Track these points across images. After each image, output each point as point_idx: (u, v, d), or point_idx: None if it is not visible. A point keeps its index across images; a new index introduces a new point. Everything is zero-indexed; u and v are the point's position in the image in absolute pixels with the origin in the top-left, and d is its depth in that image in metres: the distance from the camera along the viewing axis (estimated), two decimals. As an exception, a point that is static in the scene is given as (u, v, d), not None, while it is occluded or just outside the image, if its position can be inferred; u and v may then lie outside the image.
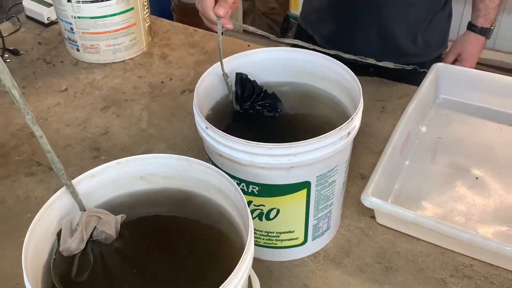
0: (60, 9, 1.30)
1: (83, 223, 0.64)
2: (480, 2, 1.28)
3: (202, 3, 0.90)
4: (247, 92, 0.86)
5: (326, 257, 0.89)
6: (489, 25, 1.30)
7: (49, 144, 0.64)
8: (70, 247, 0.63)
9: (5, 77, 0.59)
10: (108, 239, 0.65)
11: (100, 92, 1.28)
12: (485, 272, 0.86)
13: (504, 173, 1.03)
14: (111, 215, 0.67)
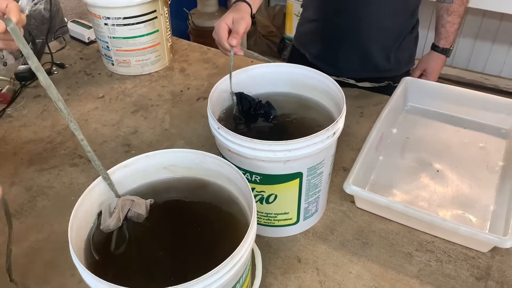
0: (99, 30, 1.30)
1: (119, 206, 0.64)
2: (442, 27, 1.27)
3: (218, 35, 0.90)
4: (245, 106, 0.86)
5: (315, 234, 0.89)
6: (449, 45, 1.30)
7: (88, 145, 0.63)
8: (109, 225, 0.63)
9: (51, 92, 0.59)
10: (140, 218, 0.66)
11: (130, 99, 1.28)
12: (444, 247, 0.86)
13: (460, 167, 1.02)
14: (142, 199, 0.67)
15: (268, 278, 0.81)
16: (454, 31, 1.27)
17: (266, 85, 0.91)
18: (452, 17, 1.25)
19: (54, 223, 0.92)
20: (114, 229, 0.64)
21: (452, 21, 1.26)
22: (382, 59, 1.21)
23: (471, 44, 2.49)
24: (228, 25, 0.91)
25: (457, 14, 1.25)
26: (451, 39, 1.29)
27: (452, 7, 1.23)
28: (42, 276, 0.82)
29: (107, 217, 0.63)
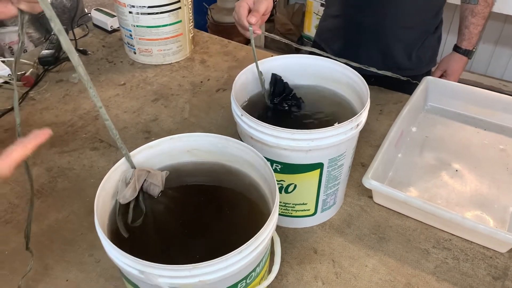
0: (123, 18, 1.31)
1: (135, 175, 0.64)
2: (465, 29, 1.26)
3: (238, 13, 0.90)
4: (278, 90, 0.86)
5: (331, 227, 0.89)
6: (472, 47, 1.29)
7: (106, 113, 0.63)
8: (126, 195, 0.63)
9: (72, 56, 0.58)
10: (156, 190, 0.66)
11: (151, 87, 1.29)
12: (462, 246, 0.85)
13: (479, 168, 1.02)
14: (157, 171, 0.67)
15: (284, 267, 0.81)
16: (477, 33, 1.27)
17: (289, 76, 0.91)
18: (477, 19, 1.24)
19: (74, 204, 0.93)
20: (130, 199, 0.64)
21: (476, 22, 1.25)
22: (404, 57, 1.21)
23: (491, 49, 2.47)
24: (249, 5, 0.90)
25: (482, 16, 1.24)
26: (474, 41, 1.28)
27: (477, 9, 1.23)
28: (60, 254, 0.83)
29: (123, 188, 0.64)
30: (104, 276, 0.80)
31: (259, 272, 0.62)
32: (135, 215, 0.64)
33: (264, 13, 0.89)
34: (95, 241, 0.85)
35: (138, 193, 0.65)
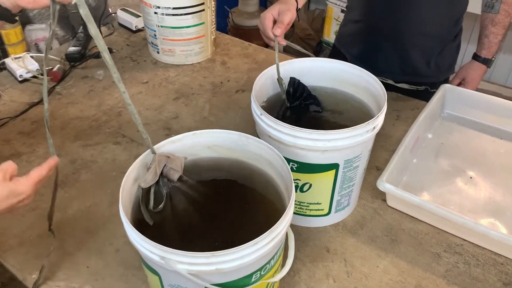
0: (148, 18, 1.35)
1: (156, 160, 0.67)
2: (485, 37, 1.27)
3: (263, 24, 0.93)
4: (299, 92, 0.89)
5: (344, 227, 0.91)
6: (491, 56, 1.29)
7: (129, 98, 0.66)
8: (147, 179, 0.66)
9: (99, 42, 0.61)
10: (175, 175, 0.68)
11: (173, 86, 1.32)
12: (473, 251, 0.86)
13: (494, 175, 1.02)
14: (176, 156, 0.70)
15: (296, 264, 0.83)
16: (497, 42, 1.27)
17: (309, 78, 0.93)
18: (497, 28, 1.25)
19: (96, 195, 0.97)
20: (151, 184, 0.66)
21: (496, 32, 1.25)
22: (422, 64, 1.22)
23: (511, 60, 2.45)
24: (274, 16, 0.94)
25: (502, 25, 1.24)
26: (493, 50, 1.28)
27: (498, 18, 1.23)
28: (81, 242, 0.87)
29: (144, 172, 0.66)
30: (123, 265, 0.83)
31: (273, 265, 0.64)
32: (156, 201, 0.67)
33: (288, 23, 0.92)
34: (115, 231, 0.89)
35: (159, 178, 0.68)
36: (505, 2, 1.19)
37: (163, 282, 0.62)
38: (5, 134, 1.13)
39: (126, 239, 0.85)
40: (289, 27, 0.97)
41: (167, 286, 0.62)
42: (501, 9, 1.21)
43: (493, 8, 1.22)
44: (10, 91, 1.29)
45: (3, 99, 1.25)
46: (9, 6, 0.70)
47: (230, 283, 0.59)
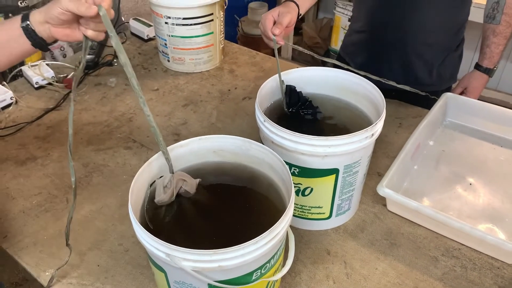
0: (159, 28, 1.40)
1: (174, 183, 0.71)
2: (487, 48, 1.29)
3: (263, 24, 0.97)
4: (293, 100, 0.92)
5: (345, 231, 0.93)
6: (493, 66, 1.31)
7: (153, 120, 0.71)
8: (164, 199, 0.71)
9: (127, 69, 0.67)
10: (188, 195, 0.73)
11: (182, 93, 1.37)
12: (470, 255, 0.88)
13: (493, 182, 1.04)
14: (192, 179, 0.74)
15: (298, 265, 0.86)
16: (499, 52, 1.29)
17: (312, 86, 0.97)
18: (498, 38, 1.27)
19: (107, 197, 1.01)
20: (167, 203, 0.71)
21: (498, 42, 1.27)
22: (424, 73, 1.25)
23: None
24: (274, 17, 0.97)
25: (503, 36, 1.26)
26: (495, 60, 1.30)
27: (499, 28, 1.25)
28: (92, 242, 0.91)
29: (161, 192, 0.70)
30: (131, 264, 0.87)
31: (273, 264, 0.67)
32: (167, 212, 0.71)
33: (288, 25, 0.96)
34: (124, 232, 0.93)
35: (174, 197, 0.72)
36: (506, 13, 1.22)
37: (169, 279, 0.65)
38: (22, 139, 1.18)
39: (135, 240, 0.90)
40: (290, 29, 1.00)
41: (172, 283, 0.65)
42: (502, 20, 1.23)
43: (494, 19, 1.25)
44: (27, 97, 1.34)
45: (20, 105, 1.31)
46: (45, 36, 0.75)
47: (232, 280, 0.63)
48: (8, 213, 0.98)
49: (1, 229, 0.94)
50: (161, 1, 1.32)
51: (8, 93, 1.30)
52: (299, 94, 0.93)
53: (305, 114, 0.94)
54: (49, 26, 0.74)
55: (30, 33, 0.74)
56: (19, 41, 0.75)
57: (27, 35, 0.74)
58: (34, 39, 0.75)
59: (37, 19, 0.74)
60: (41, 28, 0.74)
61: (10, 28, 0.74)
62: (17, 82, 1.41)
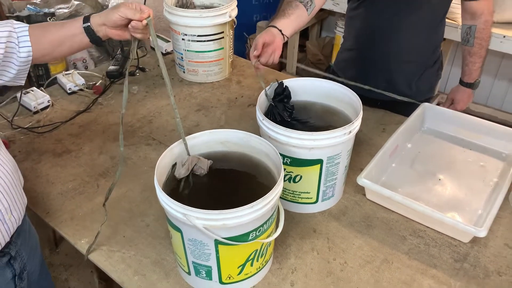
0: (176, 44, 1.59)
1: (189, 160, 0.89)
2: (465, 66, 1.46)
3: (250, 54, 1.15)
4: (278, 90, 1.10)
5: (330, 214, 1.10)
6: (473, 81, 1.47)
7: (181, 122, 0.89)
8: (181, 173, 0.88)
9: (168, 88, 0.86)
10: (202, 172, 0.90)
11: (195, 100, 1.55)
12: (433, 236, 1.05)
13: (460, 179, 1.20)
14: (205, 160, 0.92)
15: (288, 239, 1.03)
16: (476, 69, 1.46)
17: (303, 93, 1.15)
18: (474, 58, 1.44)
19: (130, 183, 1.19)
20: (183, 177, 0.89)
21: (474, 61, 1.45)
22: (405, 86, 1.42)
23: (506, 86, 2.63)
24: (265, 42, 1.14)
25: (478, 55, 1.43)
26: (474, 76, 1.47)
27: (473, 50, 1.42)
28: (119, 218, 1.09)
29: (180, 167, 0.89)
30: (151, 236, 1.04)
31: (266, 229, 0.85)
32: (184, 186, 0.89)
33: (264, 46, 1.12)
34: (146, 211, 1.11)
35: (190, 172, 0.90)
36: (478, 37, 1.39)
37: (184, 237, 0.83)
38: (58, 135, 1.38)
39: (155, 217, 1.08)
40: (278, 53, 1.16)
41: (187, 240, 0.83)
42: (475, 43, 1.41)
43: (468, 42, 1.42)
44: (61, 101, 1.54)
45: (55, 107, 1.50)
46: (101, 35, 0.96)
47: (233, 238, 0.80)
48: (49, 195, 1.16)
49: (44, 207, 1.13)
50: (179, 21, 1.51)
51: (45, 97, 1.50)
52: (286, 88, 1.10)
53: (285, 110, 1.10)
54: (105, 27, 0.95)
55: (90, 32, 0.95)
56: (80, 37, 0.96)
57: (87, 34, 0.95)
58: (92, 37, 0.96)
59: (97, 22, 0.95)
60: (99, 29, 0.95)
61: (73, 27, 0.95)
62: (52, 88, 1.61)
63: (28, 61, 0.95)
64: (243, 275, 0.88)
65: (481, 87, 1.49)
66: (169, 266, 0.97)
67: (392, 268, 0.97)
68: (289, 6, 1.21)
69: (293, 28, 1.21)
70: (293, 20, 1.19)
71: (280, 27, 1.16)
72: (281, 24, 1.16)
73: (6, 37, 0.90)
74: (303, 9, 1.21)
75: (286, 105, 1.09)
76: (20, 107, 1.47)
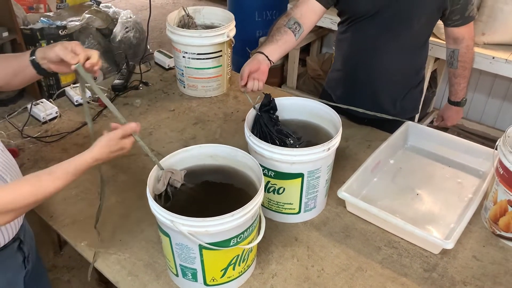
0: (177, 61, 1.69)
1: (163, 176, 0.97)
2: (452, 86, 1.55)
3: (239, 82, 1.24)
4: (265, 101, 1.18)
5: (311, 224, 1.18)
6: (459, 99, 1.56)
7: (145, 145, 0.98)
8: (159, 188, 0.96)
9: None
10: (178, 184, 0.98)
11: (193, 114, 1.64)
12: (406, 247, 1.12)
13: (436, 194, 1.28)
14: (179, 171, 1.00)
15: (271, 247, 1.11)
16: (462, 88, 1.54)
17: (287, 112, 1.24)
18: (458, 79, 1.52)
19: (128, 191, 1.28)
20: (161, 191, 0.96)
21: (459, 82, 1.53)
22: (390, 105, 1.50)
23: (499, 104, 2.69)
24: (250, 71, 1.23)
25: (462, 76, 1.52)
26: (460, 95, 1.55)
27: (457, 72, 1.51)
28: (117, 223, 1.18)
29: (156, 183, 0.97)
30: (145, 240, 1.13)
31: (247, 236, 0.93)
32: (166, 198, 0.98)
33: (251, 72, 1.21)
34: (141, 217, 1.19)
35: (166, 186, 0.98)
36: (461, 60, 1.47)
37: (172, 242, 0.91)
38: (64, 145, 1.47)
39: (149, 222, 1.17)
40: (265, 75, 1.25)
41: (174, 244, 0.91)
42: (459, 66, 1.49)
43: (452, 65, 1.50)
44: (68, 113, 1.64)
45: (63, 118, 1.60)
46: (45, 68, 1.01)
47: (215, 243, 0.88)
48: (53, 200, 1.25)
49: (48, 211, 1.22)
50: (180, 40, 1.61)
51: (54, 108, 1.60)
52: (272, 100, 1.19)
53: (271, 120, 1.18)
54: (47, 61, 1.00)
55: (35, 65, 1.01)
56: (29, 69, 1.01)
57: (33, 66, 1.01)
58: (38, 69, 1.02)
59: (40, 55, 1.00)
60: (42, 62, 1.01)
61: (24, 60, 1.01)
62: (60, 100, 1.71)
63: None
64: (226, 278, 0.96)
65: (475, 105, 1.56)
66: (160, 269, 1.06)
67: (366, 275, 1.04)
68: (278, 32, 1.30)
69: (280, 53, 1.30)
70: (281, 46, 1.28)
71: (267, 53, 1.25)
72: (268, 51, 1.25)
73: None
74: (291, 34, 1.30)
75: (272, 116, 1.17)
76: (30, 117, 1.57)
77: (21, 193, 0.84)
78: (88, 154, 0.93)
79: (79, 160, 0.92)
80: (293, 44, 1.32)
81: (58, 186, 0.88)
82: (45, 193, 0.86)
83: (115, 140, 0.95)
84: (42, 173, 0.87)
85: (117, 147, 0.95)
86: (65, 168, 0.89)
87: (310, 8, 1.35)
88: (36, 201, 0.86)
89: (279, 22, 1.35)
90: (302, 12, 1.34)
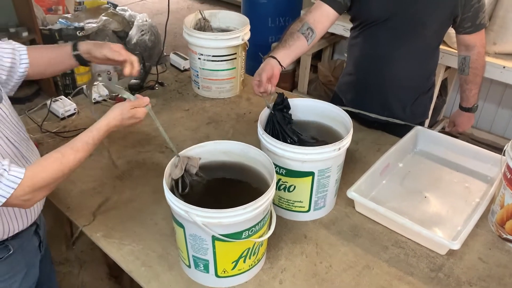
0: (193, 62, 1.73)
1: (181, 161, 1.00)
2: (463, 93, 1.57)
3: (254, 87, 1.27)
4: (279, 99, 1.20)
5: (320, 223, 1.21)
6: (471, 106, 1.58)
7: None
8: (176, 173, 0.99)
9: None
10: (193, 170, 1.01)
11: (207, 114, 1.68)
12: (413, 247, 1.14)
13: (444, 197, 1.29)
14: (195, 157, 1.03)
15: (281, 243, 1.14)
16: (473, 95, 1.56)
17: (299, 113, 1.26)
18: (470, 85, 1.54)
19: (143, 186, 1.32)
20: (179, 176, 0.99)
21: (470, 88, 1.55)
22: (399, 110, 1.52)
23: (509, 114, 2.69)
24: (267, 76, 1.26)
25: (474, 83, 1.54)
26: (471, 101, 1.57)
27: (469, 78, 1.53)
28: (131, 216, 1.21)
29: (173, 168, 1.00)
30: (159, 233, 1.16)
31: (258, 229, 0.95)
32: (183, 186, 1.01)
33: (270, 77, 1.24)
34: (155, 210, 1.22)
35: (183, 171, 1.01)
36: (472, 66, 1.49)
37: (186, 233, 0.94)
38: (81, 140, 1.51)
39: (163, 216, 1.20)
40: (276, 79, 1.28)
41: (188, 235, 0.94)
42: (470, 72, 1.51)
43: (464, 72, 1.52)
44: (85, 110, 1.68)
45: (81, 115, 1.65)
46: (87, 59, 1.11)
47: (227, 235, 0.91)
48: (70, 192, 1.29)
49: (65, 203, 1.26)
50: (196, 42, 1.65)
51: (72, 105, 1.65)
52: (285, 99, 1.21)
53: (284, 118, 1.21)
54: (89, 55, 1.09)
55: (79, 58, 1.10)
56: (70, 61, 1.11)
57: (77, 59, 1.10)
58: (81, 62, 1.11)
59: (83, 50, 1.09)
60: (85, 55, 1.10)
61: (63, 52, 1.11)
62: (78, 97, 1.76)
63: (24, 76, 1.08)
64: (237, 270, 0.99)
65: (485, 114, 1.58)
66: (173, 260, 1.09)
67: (372, 273, 1.06)
68: (291, 37, 1.33)
69: (292, 58, 1.33)
70: (293, 51, 1.32)
71: (279, 58, 1.29)
72: (280, 56, 1.29)
73: (11, 52, 1.04)
74: (304, 40, 1.33)
75: (285, 115, 1.20)
76: (49, 113, 1.62)
77: (50, 169, 0.90)
78: (103, 122, 1.00)
79: (96, 129, 0.99)
80: (305, 50, 1.36)
81: (81, 157, 0.96)
82: (70, 166, 0.93)
83: (127, 108, 1.02)
84: (63, 148, 0.94)
85: (129, 114, 1.02)
86: (84, 140, 0.97)
87: (323, 13, 1.38)
88: (63, 175, 0.93)
89: (293, 27, 1.38)
90: (316, 18, 1.37)
